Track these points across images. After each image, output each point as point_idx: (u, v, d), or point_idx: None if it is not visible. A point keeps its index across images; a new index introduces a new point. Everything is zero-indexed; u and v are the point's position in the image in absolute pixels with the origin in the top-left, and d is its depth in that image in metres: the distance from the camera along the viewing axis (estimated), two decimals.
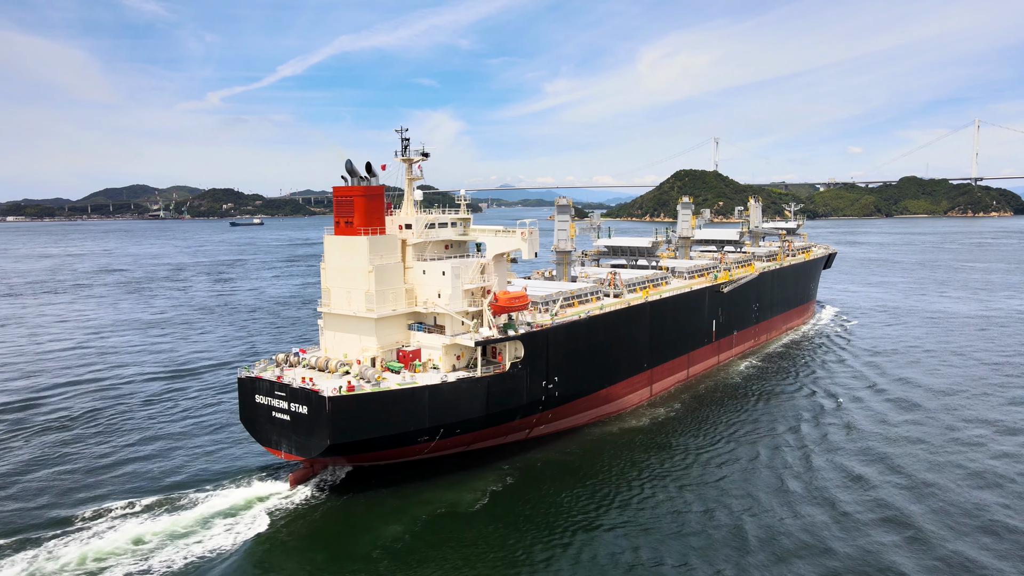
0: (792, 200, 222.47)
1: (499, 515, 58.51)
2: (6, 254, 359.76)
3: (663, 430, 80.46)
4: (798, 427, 79.50)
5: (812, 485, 63.66)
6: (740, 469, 67.80)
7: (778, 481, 64.78)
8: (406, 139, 74.61)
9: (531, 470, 68.38)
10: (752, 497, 61.14)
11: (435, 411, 64.63)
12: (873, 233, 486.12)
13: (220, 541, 53.04)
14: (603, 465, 69.90)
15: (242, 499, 60.49)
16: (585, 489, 63.86)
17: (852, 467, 67.46)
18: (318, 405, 60.26)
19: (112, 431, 78.51)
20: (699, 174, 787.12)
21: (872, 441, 74.23)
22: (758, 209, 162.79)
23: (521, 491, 63.49)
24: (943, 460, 68.65)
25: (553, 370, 75.48)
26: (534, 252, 73.43)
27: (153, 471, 67.39)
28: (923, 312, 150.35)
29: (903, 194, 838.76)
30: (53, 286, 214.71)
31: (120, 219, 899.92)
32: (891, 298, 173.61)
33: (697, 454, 72.06)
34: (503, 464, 68.99)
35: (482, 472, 66.96)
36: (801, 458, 70.21)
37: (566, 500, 61.66)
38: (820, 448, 72.81)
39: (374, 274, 67.52)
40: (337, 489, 63.59)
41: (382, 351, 69.08)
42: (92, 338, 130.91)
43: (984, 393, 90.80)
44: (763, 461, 69.67)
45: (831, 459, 69.69)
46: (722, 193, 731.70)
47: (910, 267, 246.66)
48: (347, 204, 68.96)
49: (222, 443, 74.79)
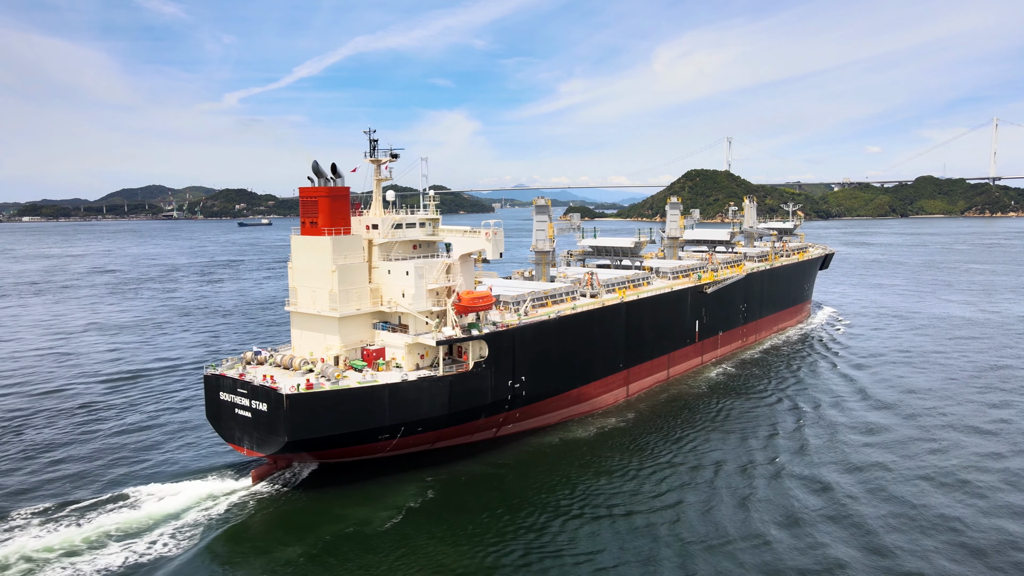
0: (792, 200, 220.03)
1: (407, 536, 54.63)
2: (8, 255, 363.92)
3: (618, 440, 76.67)
4: (754, 442, 75.39)
5: (750, 516, 57.83)
6: (680, 491, 62.84)
7: (713, 502, 60.21)
8: (374, 140, 75.44)
9: (454, 483, 64.98)
10: (687, 526, 56.23)
11: (396, 409, 65.32)
12: (884, 233, 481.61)
13: (170, 538, 53.93)
14: (533, 481, 65.94)
15: (203, 494, 61.50)
16: (507, 508, 59.66)
17: (793, 496, 61.48)
18: (276, 402, 61.18)
19: (71, 431, 79.35)
20: (710, 174, 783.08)
21: (823, 464, 68.62)
22: (753, 209, 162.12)
23: (438, 508, 59.83)
24: (896, 490, 62.52)
25: (520, 369, 75.91)
26: (499, 252, 73.91)
27: (114, 468, 68.49)
28: (918, 316, 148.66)
29: (919, 194, 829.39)
30: (41, 287, 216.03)
31: (134, 219, 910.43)
32: (888, 301, 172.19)
33: (639, 471, 67.56)
34: (427, 476, 65.89)
35: (403, 485, 63.72)
36: (744, 479, 65.20)
37: (485, 519, 57.57)
38: (768, 469, 67.83)
39: (337, 274, 68.37)
40: (300, 487, 64.37)
41: (345, 350, 69.91)
42: (60, 340, 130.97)
43: (963, 405, 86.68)
44: (705, 481, 64.91)
45: (776, 483, 64.38)
46: (733, 193, 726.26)
47: (914, 269, 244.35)
48: (312, 205, 69.89)
49: (189, 440, 76.02)
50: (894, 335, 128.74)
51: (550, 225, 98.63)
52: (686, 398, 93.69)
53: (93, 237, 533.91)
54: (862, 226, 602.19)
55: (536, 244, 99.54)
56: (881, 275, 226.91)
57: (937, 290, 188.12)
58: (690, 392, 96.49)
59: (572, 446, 75.52)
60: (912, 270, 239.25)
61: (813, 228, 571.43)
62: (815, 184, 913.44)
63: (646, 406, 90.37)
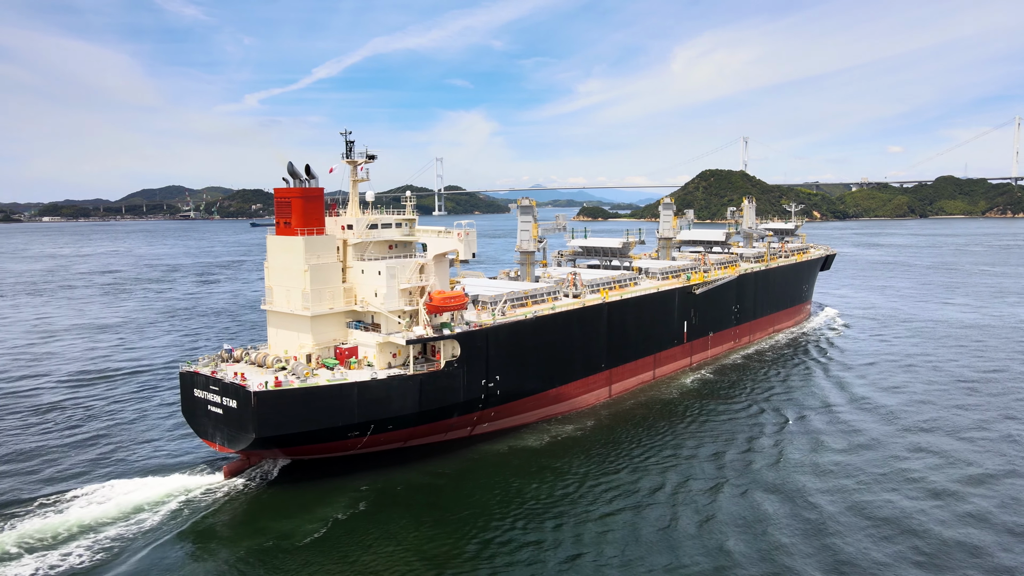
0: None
1: (326, 552, 52.53)
2: (18, 255, 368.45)
3: (571, 448, 74.23)
4: (725, 450, 73.03)
5: (705, 528, 55.92)
6: (626, 504, 60.31)
7: (670, 522, 57.21)
8: (350, 142, 76.39)
9: (388, 493, 62.93)
10: (635, 544, 53.66)
11: (365, 407, 66.16)
12: (900, 234, 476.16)
13: (135, 531, 55.16)
14: (471, 491, 63.59)
15: (174, 489, 62.73)
16: (434, 522, 57.47)
17: (750, 512, 58.79)
18: (245, 400, 62.28)
19: (47, 427, 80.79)
20: (725, 174, 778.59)
21: (793, 474, 66.19)
22: (751, 210, 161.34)
23: (366, 522, 57.41)
24: (864, 499, 60.69)
25: (494, 369, 76.47)
26: (471, 253, 74.64)
27: (88, 463, 69.92)
28: (916, 320, 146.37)
29: (939, 194, 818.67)
30: (39, 288, 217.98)
31: (152, 219, 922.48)
32: (889, 303, 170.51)
33: (583, 484, 64.72)
34: (362, 484, 64.28)
35: (334, 496, 62.04)
36: (708, 491, 62.77)
37: (411, 538, 54.64)
38: (737, 480, 65.30)
39: (309, 273, 69.40)
40: (272, 483, 65.53)
41: (318, 348, 70.92)
42: (39, 340, 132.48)
43: (944, 414, 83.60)
44: (664, 495, 62.04)
45: (741, 495, 61.81)
46: (748, 193, 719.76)
47: (923, 271, 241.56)
48: (286, 205, 70.97)
49: (166, 436, 77.59)
50: (887, 340, 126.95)
51: (534, 226, 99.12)
52: (664, 402, 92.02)
53: (106, 237, 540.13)
54: (878, 227, 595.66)
55: (520, 244, 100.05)
56: (886, 277, 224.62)
57: (940, 293, 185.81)
58: (670, 396, 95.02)
59: (520, 455, 72.59)
60: (919, 272, 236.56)
61: (827, 229, 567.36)
62: (835, 184, 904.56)
63: (622, 408, 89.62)
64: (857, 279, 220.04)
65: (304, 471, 67.69)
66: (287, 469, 68.28)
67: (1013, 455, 70.59)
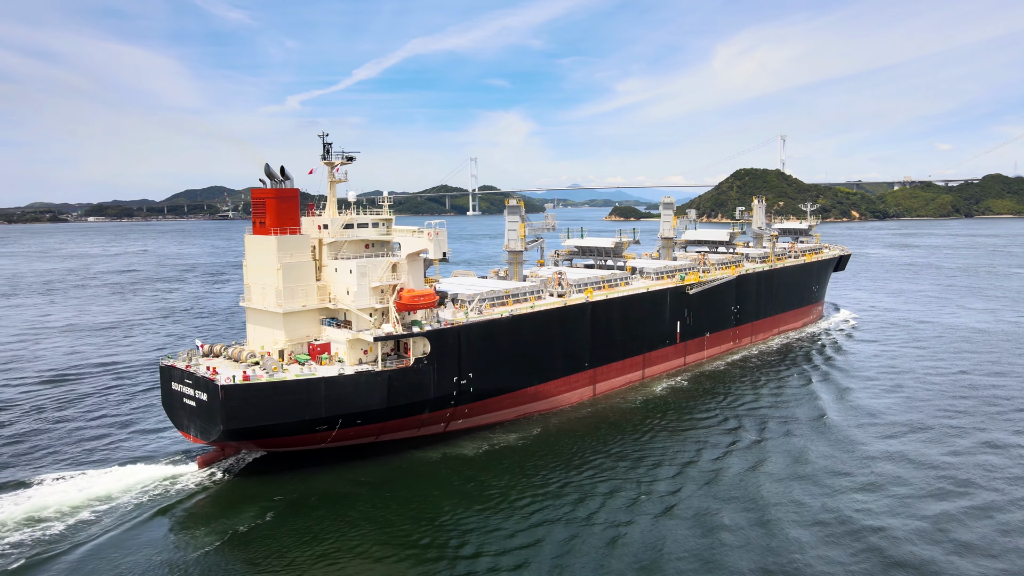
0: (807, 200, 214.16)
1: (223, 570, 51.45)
2: (49, 254, 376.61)
3: (506, 458, 71.89)
4: (686, 464, 69.70)
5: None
6: (549, 523, 57.68)
7: (606, 539, 55.13)
8: (328, 144, 78.44)
9: (301, 503, 61.41)
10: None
11: (332, 402, 68.07)
12: (938, 235, 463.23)
13: (103, 517, 57.95)
14: (383, 504, 61.44)
15: (148, 478, 65.51)
16: (336, 537, 55.27)
17: (672, 538, 55.27)
18: (214, 393, 64.67)
19: (27, 420, 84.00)
20: (760, 173, 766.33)
21: (725, 500, 61.41)
22: (761, 210, 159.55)
23: (264, 535, 55.68)
24: (794, 533, 55.62)
25: (467, 366, 77.76)
26: (442, 252, 76.11)
27: (67, 452, 73.28)
28: (927, 325, 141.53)
29: (986, 193, 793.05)
30: (53, 287, 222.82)
31: (192, 219, 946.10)
32: (905, 307, 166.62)
33: (509, 499, 62.10)
34: (277, 493, 63.13)
35: (247, 505, 60.89)
36: (628, 513, 59.38)
37: (302, 562, 51.96)
38: (661, 502, 61.47)
39: (282, 271, 71.61)
40: (241, 474, 67.94)
41: (291, 344, 73.10)
42: (33, 338, 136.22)
43: (924, 432, 78.11)
44: (580, 515, 59.02)
45: (660, 521, 58.01)
46: (783, 192, 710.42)
47: (951, 273, 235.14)
48: (261, 206, 73.32)
49: (146, 427, 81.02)
50: (891, 347, 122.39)
51: (521, 225, 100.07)
52: (632, 408, 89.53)
53: (141, 237, 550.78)
54: (917, 227, 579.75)
55: (508, 244, 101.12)
56: (909, 280, 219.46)
57: (961, 297, 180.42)
58: (648, 398, 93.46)
59: (451, 464, 70.58)
60: (947, 274, 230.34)
61: (862, 229, 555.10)
62: (877, 183, 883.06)
63: (593, 411, 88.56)
64: (878, 281, 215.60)
65: (274, 464, 69.93)
66: (260, 461, 70.63)
67: (990, 481, 64.98)
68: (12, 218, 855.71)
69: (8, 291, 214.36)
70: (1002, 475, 66.36)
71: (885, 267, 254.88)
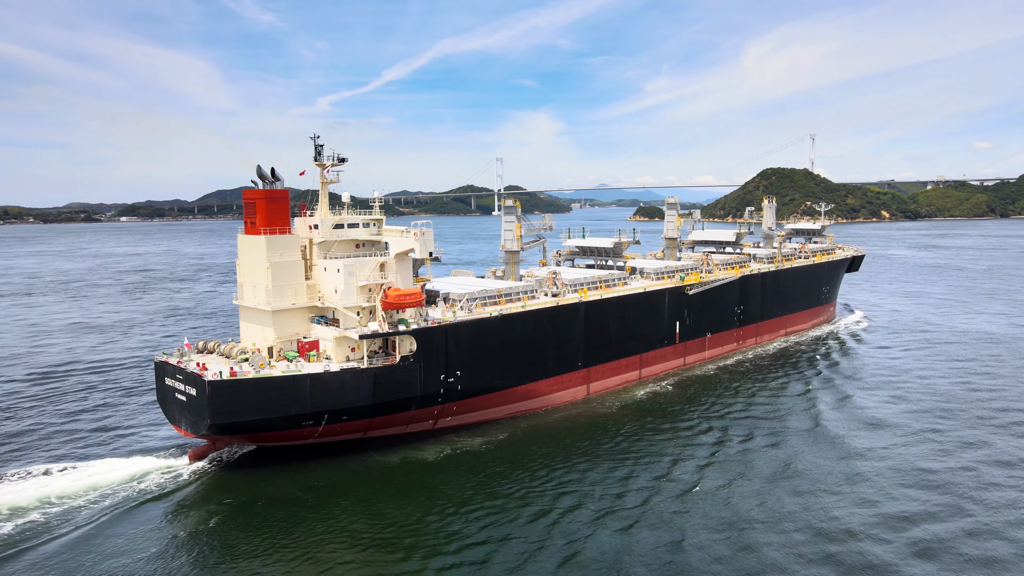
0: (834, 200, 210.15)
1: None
2: (74, 253, 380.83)
3: (469, 464, 70.11)
4: (661, 474, 67.52)
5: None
6: (504, 534, 55.82)
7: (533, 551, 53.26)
8: (319, 146, 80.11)
9: (247, 509, 60.65)
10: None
11: (318, 398, 69.65)
12: (968, 236, 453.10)
13: (93, 505, 60.15)
14: (331, 510, 60.10)
15: (141, 470, 67.71)
16: (273, 546, 53.98)
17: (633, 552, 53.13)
18: (201, 388, 66.64)
19: (27, 414, 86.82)
20: (787, 172, 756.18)
21: (689, 514, 58.70)
22: (771, 210, 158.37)
23: (203, 541, 55.10)
24: (768, 554, 52.58)
25: (454, 365, 78.85)
26: (428, 252, 77.32)
27: (62, 443, 75.89)
28: (940, 329, 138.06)
29: (1023, 192, 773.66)
30: (67, 286, 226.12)
31: (221, 219, 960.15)
32: (919, 309, 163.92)
33: (463, 509, 60.35)
34: (227, 496, 62.85)
35: (199, 507, 61.01)
36: (589, 527, 57.27)
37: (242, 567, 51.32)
38: (623, 512, 59.46)
39: (271, 270, 73.44)
40: (230, 467, 69.82)
41: (280, 341, 74.88)
42: (34, 337, 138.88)
43: (914, 447, 73.93)
44: (536, 530, 56.68)
45: (623, 535, 55.58)
46: (811, 192, 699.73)
47: (973, 275, 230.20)
48: (251, 206, 75.22)
49: (142, 422, 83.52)
50: (898, 351, 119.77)
51: (517, 225, 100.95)
52: (611, 412, 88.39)
53: (166, 237, 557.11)
54: (949, 227, 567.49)
55: (504, 244, 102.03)
56: (929, 281, 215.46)
57: (978, 300, 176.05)
58: (612, 408, 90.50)
59: (408, 468, 69.05)
60: (968, 276, 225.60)
61: (888, 229, 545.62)
62: (911, 183, 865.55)
63: (575, 413, 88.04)
64: (895, 283, 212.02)
65: (249, 461, 71.54)
66: (250, 455, 72.49)
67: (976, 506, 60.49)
68: (48, 218, 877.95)
69: (22, 290, 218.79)
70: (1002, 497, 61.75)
71: (906, 268, 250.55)
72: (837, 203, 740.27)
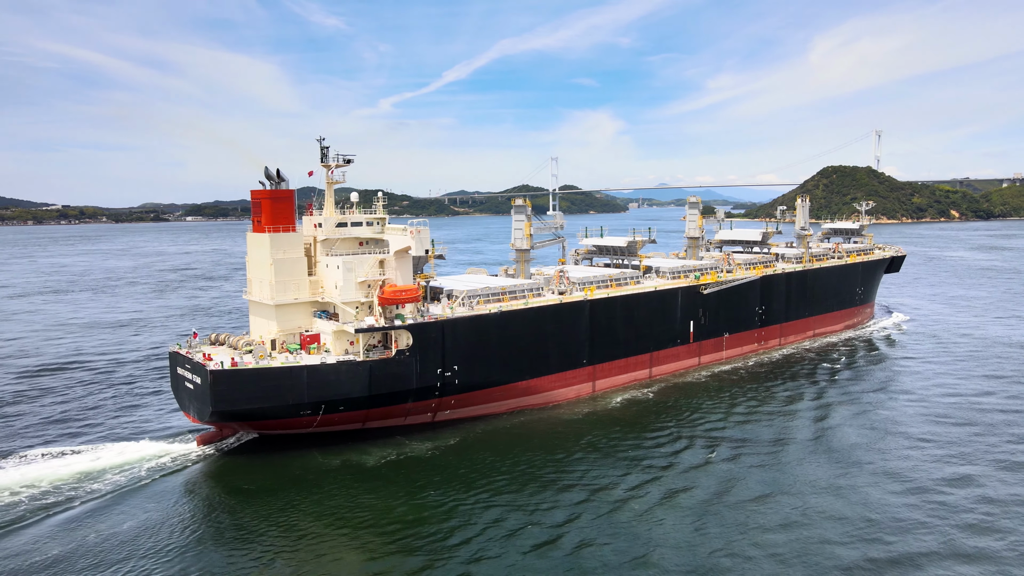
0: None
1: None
2: (129, 252, 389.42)
3: (426, 469, 69.53)
4: (598, 489, 64.50)
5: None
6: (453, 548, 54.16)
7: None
8: (325, 147, 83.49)
9: (244, 494, 63.75)
10: None
11: (314, 389, 72.85)
12: None
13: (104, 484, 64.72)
14: (251, 513, 60.44)
15: (151, 453, 72.30)
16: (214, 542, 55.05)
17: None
18: (204, 376, 70.63)
19: (54, 401, 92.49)
20: (848, 170, 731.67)
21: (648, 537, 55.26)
22: (805, 209, 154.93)
23: (207, 522, 57.76)
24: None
25: (451, 359, 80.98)
26: (424, 249, 79.89)
27: (85, 428, 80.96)
28: (974, 337, 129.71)
29: None
30: (103, 284, 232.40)
31: None
32: (960, 313, 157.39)
33: (417, 513, 59.28)
34: (226, 482, 65.76)
35: (192, 492, 64.01)
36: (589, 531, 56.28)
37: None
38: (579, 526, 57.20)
39: (274, 266, 77.07)
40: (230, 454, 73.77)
41: (283, 334, 78.47)
42: (68, 330, 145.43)
43: (916, 472, 67.22)
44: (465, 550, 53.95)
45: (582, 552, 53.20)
46: (874, 191, 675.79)
47: None
48: (257, 206, 79.01)
49: (157, 408, 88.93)
50: (930, 357, 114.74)
51: (527, 224, 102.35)
52: (615, 408, 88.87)
53: (221, 236, 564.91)
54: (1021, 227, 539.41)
55: (515, 243, 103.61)
56: (979, 285, 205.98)
57: None
58: (620, 404, 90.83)
59: (346, 472, 68.63)
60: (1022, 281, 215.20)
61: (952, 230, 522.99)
62: (987, 180, 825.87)
63: (571, 412, 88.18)
64: (943, 285, 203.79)
65: (265, 446, 75.32)
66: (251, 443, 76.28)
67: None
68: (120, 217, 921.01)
69: (66, 287, 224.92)
70: None
71: (959, 270, 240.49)
72: (902, 202, 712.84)
